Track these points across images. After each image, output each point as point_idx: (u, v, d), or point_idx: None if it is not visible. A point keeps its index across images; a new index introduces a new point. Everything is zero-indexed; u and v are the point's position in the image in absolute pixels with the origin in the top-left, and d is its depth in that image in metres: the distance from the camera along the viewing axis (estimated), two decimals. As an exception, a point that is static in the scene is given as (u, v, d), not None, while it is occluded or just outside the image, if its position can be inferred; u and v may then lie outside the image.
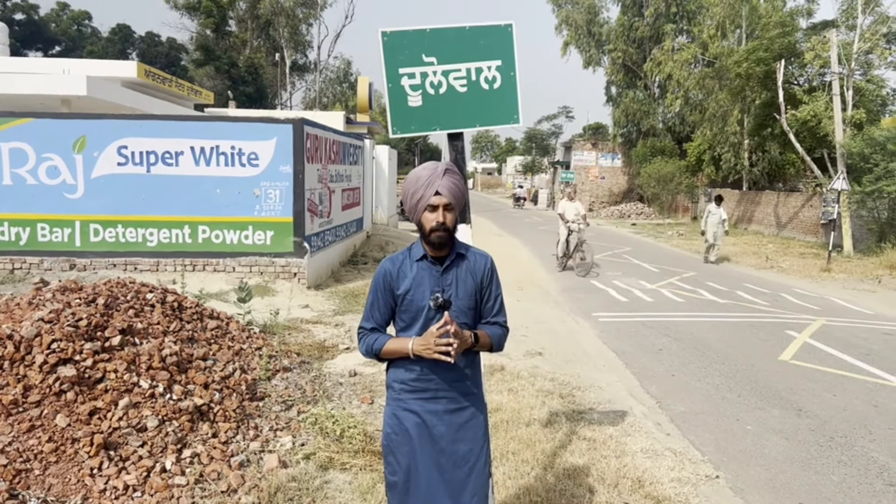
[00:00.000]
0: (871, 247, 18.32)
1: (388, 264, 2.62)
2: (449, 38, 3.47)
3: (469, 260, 2.63)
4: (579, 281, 13.62)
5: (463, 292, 2.58)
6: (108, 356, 4.49)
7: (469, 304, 2.60)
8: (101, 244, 9.97)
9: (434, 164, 2.60)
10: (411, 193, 2.53)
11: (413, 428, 2.58)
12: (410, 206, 2.54)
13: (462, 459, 2.60)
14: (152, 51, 61.36)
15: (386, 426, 2.66)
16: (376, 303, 2.63)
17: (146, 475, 3.84)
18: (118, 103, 13.98)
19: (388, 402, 2.68)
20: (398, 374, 2.63)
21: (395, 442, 2.61)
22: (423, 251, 2.58)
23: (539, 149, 67.01)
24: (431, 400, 2.58)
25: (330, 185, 11.99)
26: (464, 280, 2.59)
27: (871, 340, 9.00)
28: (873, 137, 18.17)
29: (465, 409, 2.64)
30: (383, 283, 2.60)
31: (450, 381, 2.59)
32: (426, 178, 2.50)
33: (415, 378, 2.58)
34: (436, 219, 2.48)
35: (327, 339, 7.66)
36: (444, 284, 2.55)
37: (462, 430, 2.62)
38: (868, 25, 20.16)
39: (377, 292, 2.62)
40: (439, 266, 2.58)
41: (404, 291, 2.56)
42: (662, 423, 5.79)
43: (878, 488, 4.64)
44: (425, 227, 2.51)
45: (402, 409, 2.61)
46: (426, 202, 2.48)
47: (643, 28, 38.12)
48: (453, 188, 2.52)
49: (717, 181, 32.20)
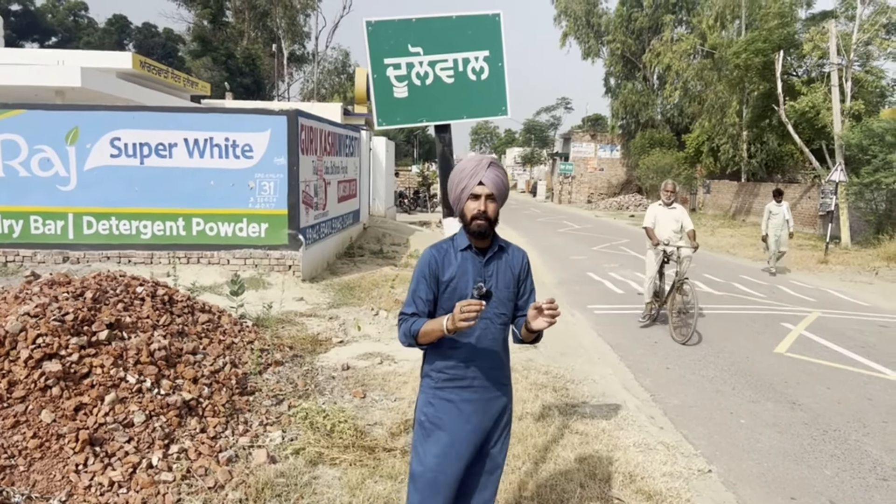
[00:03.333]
0: (868, 238, 18.28)
1: (433, 252, 2.66)
2: (435, 27, 3.41)
3: (508, 254, 2.72)
4: (576, 273, 13.58)
5: (502, 283, 2.66)
6: (95, 351, 4.45)
7: (508, 296, 2.68)
8: (94, 237, 9.91)
9: (480, 155, 2.65)
10: (456, 183, 2.61)
11: (448, 417, 2.64)
12: (455, 197, 2.62)
13: (490, 449, 2.73)
14: (149, 42, 61.10)
15: (420, 414, 2.71)
16: (419, 289, 2.63)
17: (132, 471, 3.80)
18: (113, 94, 13.88)
19: (424, 390, 2.73)
20: (436, 362, 2.68)
21: (427, 430, 2.66)
22: (468, 241, 2.64)
23: (538, 140, 66.91)
24: (468, 389, 2.65)
25: (325, 177, 11.93)
26: (503, 272, 2.68)
27: (866, 333, 8.97)
28: (872, 129, 18.08)
29: (499, 398, 2.73)
30: (428, 269, 2.62)
31: (486, 371, 2.66)
32: (471, 169, 2.58)
33: (452, 366, 2.64)
34: (477, 207, 2.54)
35: (321, 332, 7.62)
36: (485, 275, 2.63)
37: (497, 420, 2.72)
38: (867, 16, 20.05)
39: (421, 278, 2.64)
40: (482, 257, 2.64)
41: (449, 279, 2.61)
42: (656, 416, 5.76)
43: (871, 483, 4.61)
44: (467, 216, 2.58)
45: (439, 397, 2.66)
46: (469, 191, 2.56)
47: (642, 19, 37.98)
48: (497, 180, 2.58)
49: (715, 173, 32.15)
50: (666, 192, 8.84)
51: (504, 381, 2.76)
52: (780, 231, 13.45)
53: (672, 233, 8.70)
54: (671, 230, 8.70)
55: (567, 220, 28.96)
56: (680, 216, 8.75)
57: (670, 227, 8.70)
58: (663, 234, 8.68)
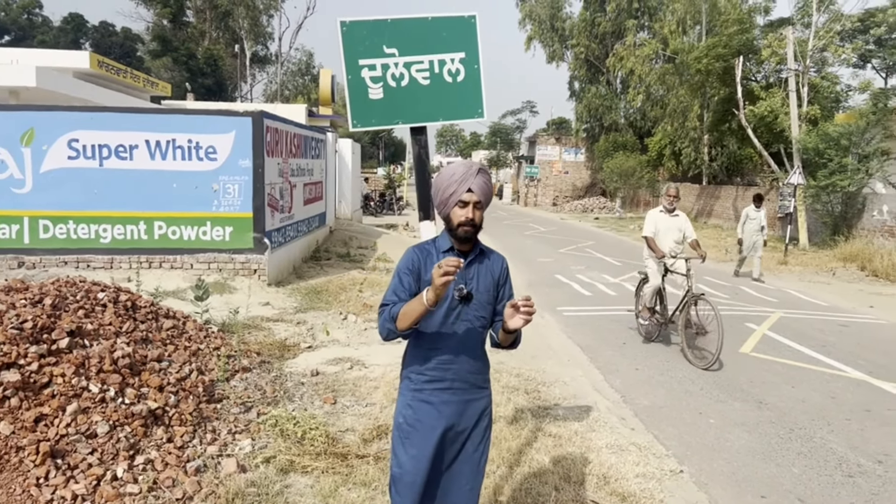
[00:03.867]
0: (825, 240, 18.77)
1: (415, 252, 2.69)
2: (411, 28, 3.37)
3: (489, 259, 2.75)
4: (544, 275, 13.65)
5: (483, 287, 2.69)
6: (56, 359, 4.29)
7: (487, 299, 2.70)
8: (51, 241, 9.61)
9: (469, 162, 2.68)
10: (444, 188, 2.61)
11: (428, 419, 2.64)
12: (441, 200, 2.63)
13: (470, 451, 2.73)
14: (106, 41, 59.63)
15: (399, 416, 2.71)
16: (402, 281, 2.64)
17: (96, 484, 3.67)
18: (70, 95, 13.50)
19: (403, 392, 2.73)
20: (415, 364, 2.69)
21: (406, 433, 2.67)
22: (450, 243, 2.67)
23: (504, 143, 67.25)
24: (448, 391, 2.66)
25: (291, 180, 11.77)
26: (484, 276, 2.70)
27: (826, 332, 9.19)
28: (827, 133, 18.59)
29: (478, 400, 2.74)
30: (410, 267, 2.64)
31: (465, 373, 2.68)
32: (461, 175, 2.59)
33: (432, 368, 2.65)
34: (465, 214, 2.58)
35: (288, 337, 7.50)
36: (466, 277, 2.64)
37: (475, 421, 2.73)
38: (823, 23, 20.60)
39: (402, 275, 2.64)
40: (464, 259, 2.62)
41: (430, 279, 2.56)
42: (627, 417, 5.79)
43: (838, 479, 4.70)
44: (453, 221, 2.60)
45: (419, 399, 2.66)
46: (458, 197, 2.58)
47: (605, 23, 38.43)
48: (484, 187, 2.61)
49: (677, 176, 32.69)
50: (668, 196, 8.02)
51: (483, 384, 2.78)
52: (755, 236, 13.24)
53: (674, 243, 8.00)
54: (672, 240, 7.99)
55: (533, 222, 29.15)
56: (683, 224, 8.05)
57: (672, 236, 7.99)
58: (665, 244, 7.97)
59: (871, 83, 21.68)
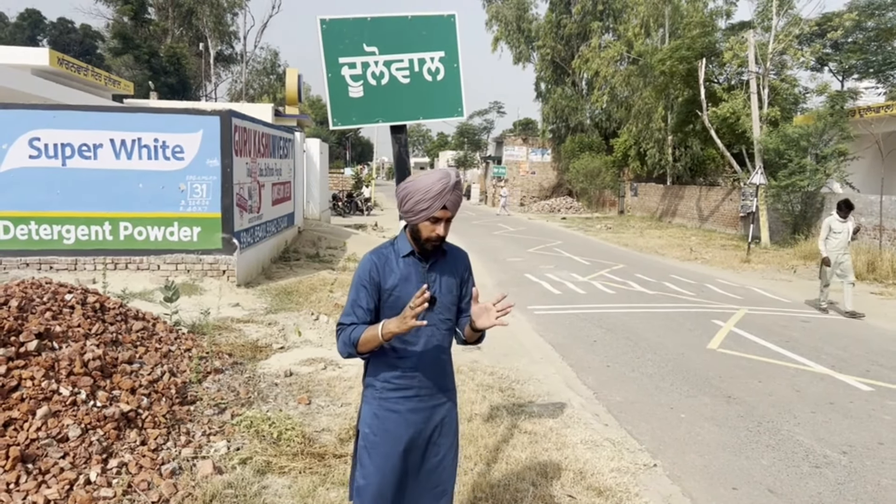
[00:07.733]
0: (786, 238, 19.25)
1: (374, 258, 2.56)
2: (391, 27, 3.37)
3: (450, 256, 2.66)
4: (514, 274, 13.73)
5: (446, 288, 2.60)
6: (24, 362, 4.18)
7: (452, 301, 2.64)
8: (12, 242, 9.35)
9: (443, 173, 2.50)
10: (416, 200, 2.46)
11: (394, 428, 2.56)
12: (412, 210, 2.48)
13: (440, 456, 2.66)
14: (65, 38, 58.27)
15: (364, 426, 2.61)
16: (359, 299, 2.52)
17: (69, 488, 3.59)
18: (29, 93, 13.18)
19: (368, 400, 2.63)
20: (381, 373, 2.59)
21: (372, 443, 2.57)
22: (410, 247, 2.56)
23: (471, 144, 67.42)
24: (414, 398, 2.58)
25: (259, 180, 11.65)
26: (447, 277, 2.62)
27: (790, 328, 9.42)
28: (787, 134, 19.07)
29: (444, 404, 2.67)
30: (369, 277, 2.52)
31: (432, 378, 2.61)
32: (437, 192, 2.44)
33: (398, 376, 2.56)
34: (437, 231, 2.48)
35: (260, 338, 7.42)
36: (429, 280, 2.55)
37: (441, 426, 2.66)
38: (782, 27, 21.11)
39: (361, 287, 2.53)
40: (425, 263, 2.57)
41: (392, 286, 2.52)
42: (600, 413, 5.87)
43: (805, 470, 4.83)
44: (422, 235, 2.50)
45: (385, 408, 2.57)
46: (430, 214, 2.45)
47: (571, 25, 38.81)
48: (457, 202, 2.53)
49: (642, 176, 33.19)
50: None
51: (449, 387, 2.71)
52: (841, 256, 10.52)
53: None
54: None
55: (502, 222, 29.28)
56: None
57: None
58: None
59: (828, 86, 22.32)
